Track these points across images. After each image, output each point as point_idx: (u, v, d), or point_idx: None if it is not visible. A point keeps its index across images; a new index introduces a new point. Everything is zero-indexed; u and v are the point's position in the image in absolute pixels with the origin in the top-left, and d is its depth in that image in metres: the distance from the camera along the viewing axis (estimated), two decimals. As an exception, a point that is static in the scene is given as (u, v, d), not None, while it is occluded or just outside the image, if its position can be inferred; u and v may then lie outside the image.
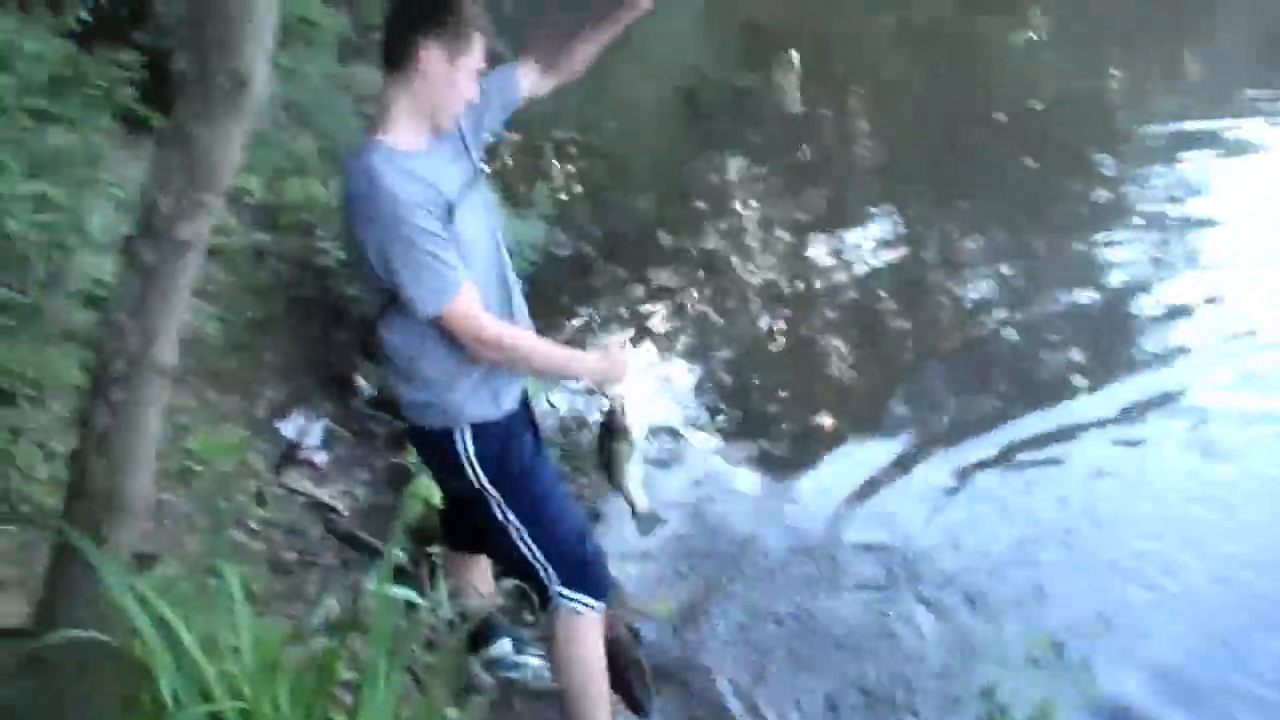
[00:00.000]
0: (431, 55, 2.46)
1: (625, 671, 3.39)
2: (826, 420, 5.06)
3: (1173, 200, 6.95)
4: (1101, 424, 4.76)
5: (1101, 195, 7.11)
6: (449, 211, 2.48)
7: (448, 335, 2.53)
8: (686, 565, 4.12)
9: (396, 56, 2.49)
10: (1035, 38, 11.34)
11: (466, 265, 2.50)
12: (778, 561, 4.12)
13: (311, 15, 7.14)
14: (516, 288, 2.74)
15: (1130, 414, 4.82)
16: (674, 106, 10.38)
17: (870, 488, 4.51)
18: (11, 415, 3.32)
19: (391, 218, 2.41)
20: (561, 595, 2.75)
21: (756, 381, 5.46)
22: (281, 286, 5.55)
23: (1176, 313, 5.63)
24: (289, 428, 4.32)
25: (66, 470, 2.30)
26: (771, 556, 4.14)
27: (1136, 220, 6.74)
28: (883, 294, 6.27)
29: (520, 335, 2.62)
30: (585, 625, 2.81)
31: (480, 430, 2.64)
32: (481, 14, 2.55)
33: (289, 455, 2.79)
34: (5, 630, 2.61)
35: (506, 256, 2.72)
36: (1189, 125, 8.18)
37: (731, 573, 4.07)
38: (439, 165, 2.56)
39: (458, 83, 2.52)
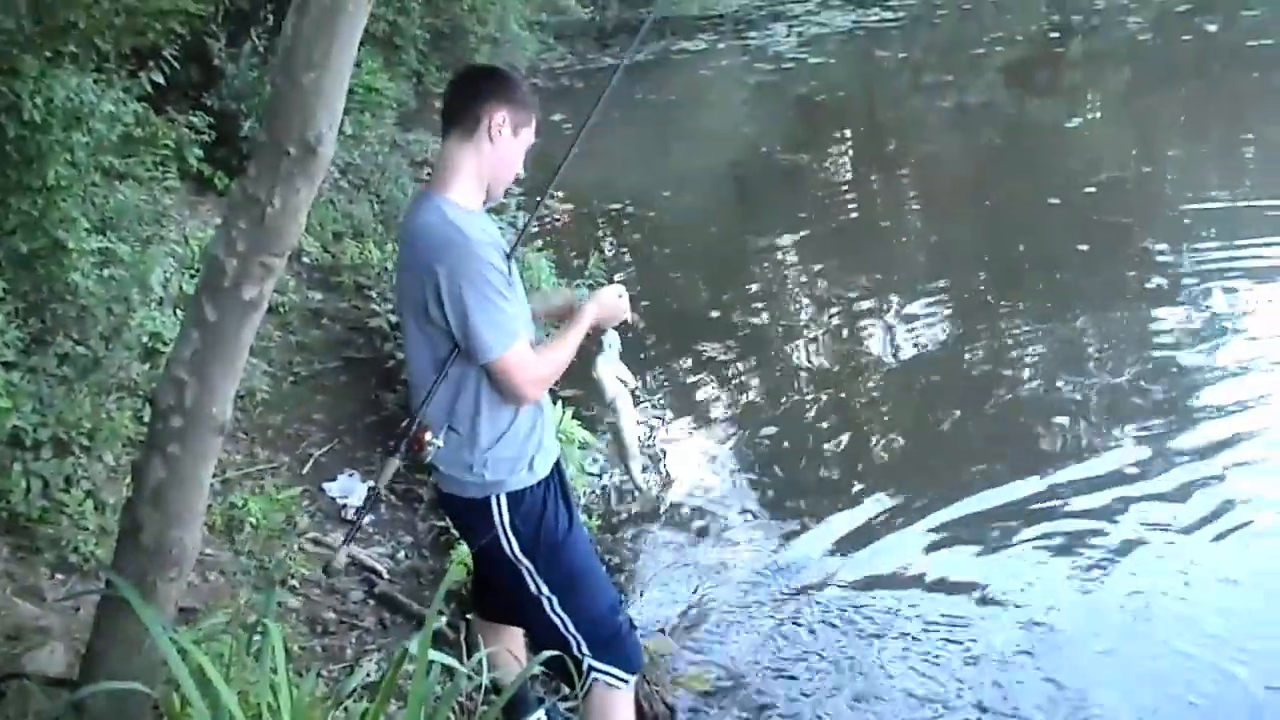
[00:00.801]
0: (502, 122, 2.59)
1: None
2: (868, 495, 4.99)
3: (1228, 289, 6.87)
4: (1146, 511, 4.66)
5: (1155, 281, 7.04)
6: (508, 265, 2.58)
7: (494, 386, 2.57)
8: (724, 638, 4.07)
9: (466, 121, 2.60)
10: (1089, 121, 11.36)
11: None
12: (817, 635, 4.06)
13: (376, 84, 7.34)
14: None
15: (1176, 502, 4.71)
16: (726, 181, 10.49)
17: (912, 560, 4.45)
18: (65, 465, 3.37)
19: (471, 258, 2.49)
20: (593, 668, 2.73)
21: (798, 454, 5.42)
22: (334, 346, 5.64)
23: (1231, 405, 5.52)
24: (334, 488, 4.36)
25: (117, 521, 2.33)
26: (811, 630, 4.08)
27: (1191, 308, 6.66)
28: (929, 373, 6.23)
29: (548, 357, 2.68)
30: (617, 698, 2.79)
31: (516, 498, 2.66)
32: (533, 96, 2.72)
33: (353, 525, 2.80)
34: (49, 679, 2.64)
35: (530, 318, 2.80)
36: (1246, 209, 8.11)
37: (770, 646, 4.01)
38: (491, 227, 2.69)
39: (518, 153, 2.67)
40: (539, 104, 2.74)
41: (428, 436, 2.59)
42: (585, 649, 2.72)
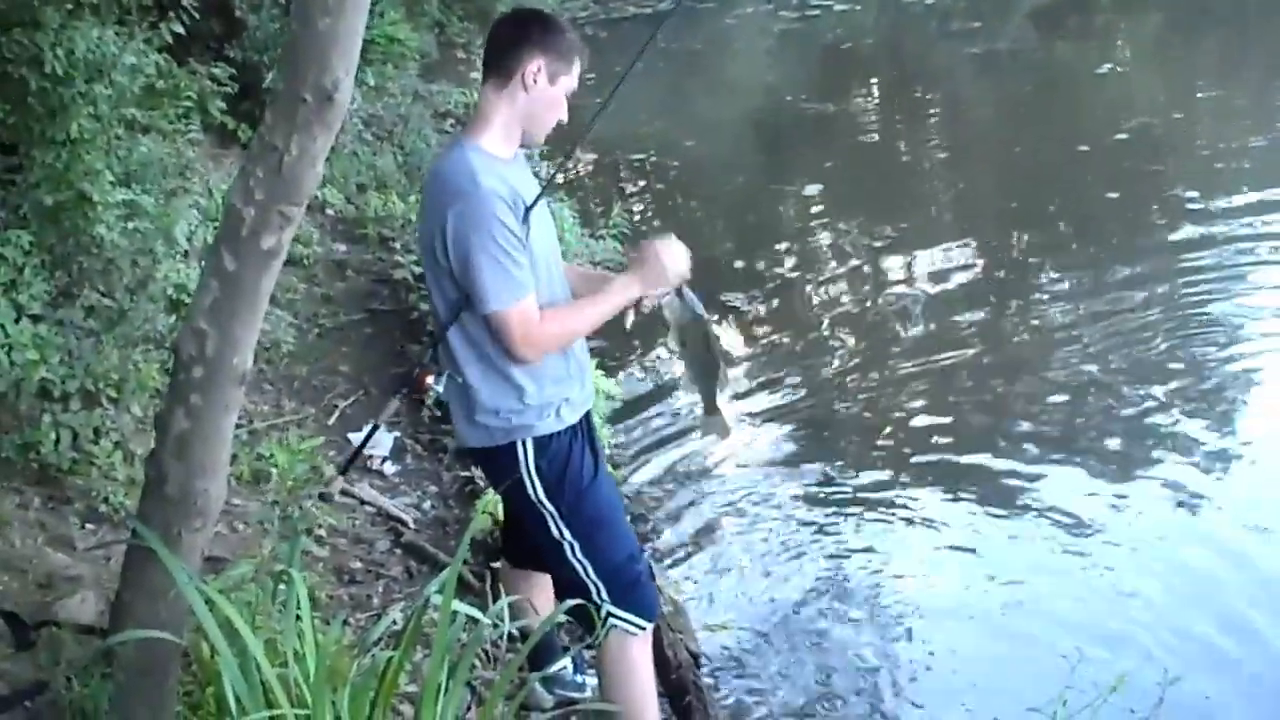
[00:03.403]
0: (538, 70, 2.56)
1: (685, 695, 3.38)
2: (890, 446, 4.99)
3: (1260, 237, 6.77)
4: (1172, 459, 4.67)
5: (1185, 230, 6.95)
6: (526, 218, 2.55)
7: (493, 339, 2.56)
8: (747, 587, 4.09)
9: (503, 68, 2.58)
10: (1120, 66, 11.17)
11: (533, 272, 2.56)
12: (840, 581, 4.08)
13: (398, 35, 7.29)
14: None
15: (1203, 450, 4.70)
16: (751, 130, 10.38)
17: (939, 512, 4.45)
18: (94, 416, 3.39)
19: (482, 208, 2.47)
20: (611, 614, 2.76)
21: (822, 405, 5.42)
22: (358, 297, 5.65)
23: (1262, 354, 5.47)
24: (360, 438, 4.38)
25: (144, 471, 2.35)
26: (832, 576, 4.10)
27: (1220, 256, 6.57)
28: (955, 321, 6.19)
29: (559, 321, 2.61)
30: (634, 644, 2.82)
31: (541, 443, 2.67)
32: (580, 41, 2.65)
33: (355, 460, 2.83)
34: (80, 626, 2.68)
35: (562, 274, 2.77)
36: (1277, 157, 7.99)
37: (795, 594, 4.03)
38: (521, 176, 2.66)
39: (556, 101, 2.62)
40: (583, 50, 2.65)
41: (429, 380, 2.61)
42: (604, 594, 2.74)
